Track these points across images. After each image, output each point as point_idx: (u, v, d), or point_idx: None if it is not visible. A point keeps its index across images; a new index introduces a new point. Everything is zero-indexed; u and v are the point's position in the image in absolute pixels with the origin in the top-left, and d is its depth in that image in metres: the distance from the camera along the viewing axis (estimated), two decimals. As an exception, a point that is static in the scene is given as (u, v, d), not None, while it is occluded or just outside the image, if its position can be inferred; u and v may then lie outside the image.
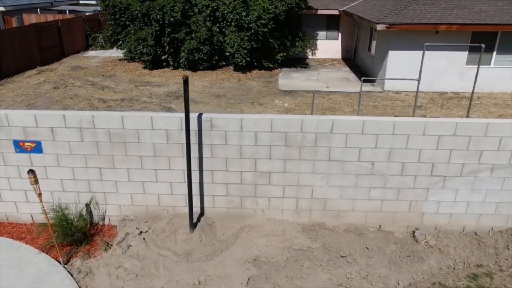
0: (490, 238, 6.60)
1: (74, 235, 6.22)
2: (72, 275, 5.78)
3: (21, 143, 6.33)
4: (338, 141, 6.18)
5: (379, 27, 13.52)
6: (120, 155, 6.42)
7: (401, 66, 14.29)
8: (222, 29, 16.79)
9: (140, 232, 6.50)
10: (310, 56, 20.56)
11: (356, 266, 6.06)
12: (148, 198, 6.74)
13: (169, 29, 16.43)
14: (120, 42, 18.59)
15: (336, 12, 19.34)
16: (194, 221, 6.62)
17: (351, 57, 20.25)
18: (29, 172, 5.41)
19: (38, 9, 24.12)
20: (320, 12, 19.43)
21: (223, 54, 17.46)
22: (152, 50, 16.89)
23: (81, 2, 28.55)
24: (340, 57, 20.50)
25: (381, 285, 5.77)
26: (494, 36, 14.05)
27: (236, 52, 16.42)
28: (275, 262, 5.91)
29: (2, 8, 23.08)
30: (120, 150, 6.38)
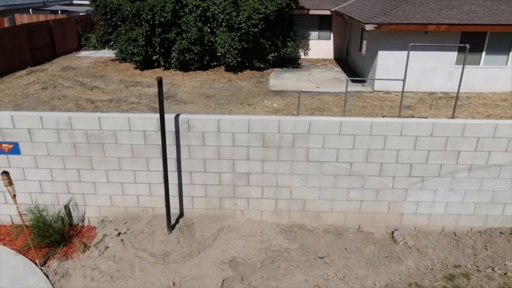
0: (469, 238, 6.61)
1: (51, 237, 6.20)
2: (48, 277, 5.76)
3: (-2, 145, 6.31)
4: (316, 142, 6.18)
5: (368, 27, 13.53)
6: (98, 156, 6.40)
7: (390, 66, 14.29)
8: (213, 29, 16.77)
9: (119, 233, 6.48)
10: (302, 56, 20.56)
11: (334, 267, 6.05)
12: (127, 199, 6.72)
13: (160, 29, 16.40)
14: (112, 42, 18.56)
15: (328, 12, 19.35)
16: (172, 222, 6.61)
17: (343, 57, 20.25)
18: (3, 173, 5.39)
19: (30, 9, 24.05)
20: (312, 12, 19.43)
21: (214, 54, 17.44)
22: (143, 50, 16.86)
23: (75, 2, 28.49)
24: (332, 57, 20.50)
25: (357, 286, 5.76)
26: (483, 36, 14.07)
27: (227, 53, 16.40)
28: (252, 263, 5.90)
29: (-6, 9, 23.03)
30: (98, 151, 6.36)
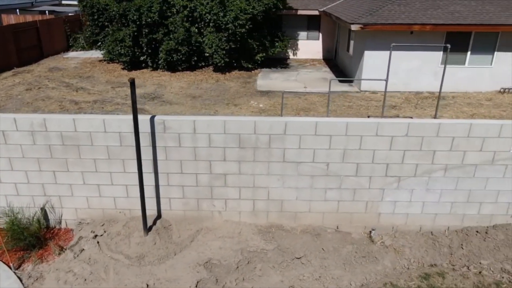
0: (445, 237, 6.64)
1: (26, 240, 6.15)
2: (21, 281, 5.71)
3: (-28, 147, 6.24)
4: (292, 142, 6.18)
5: (353, 27, 13.56)
6: (73, 158, 6.35)
7: (377, 66, 14.33)
8: (201, 30, 16.73)
9: (95, 235, 6.44)
10: (291, 56, 20.58)
11: (310, 267, 6.06)
12: (104, 201, 6.68)
13: (147, 30, 16.34)
14: (99, 43, 18.47)
15: (316, 13, 19.38)
16: (150, 224, 6.58)
17: (332, 57, 20.29)
18: (-27, 176, 5.33)
19: (17, 10, 23.85)
20: (300, 12, 19.45)
21: (202, 54, 17.41)
22: (130, 51, 16.78)
23: (64, 2, 28.30)
24: (321, 57, 20.53)
25: (333, 286, 5.77)
26: (468, 36, 14.16)
27: (215, 53, 16.37)
28: (227, 264, 5.89)
29: (-19, 9, 22.83)
30: (74, 153, 6.32)
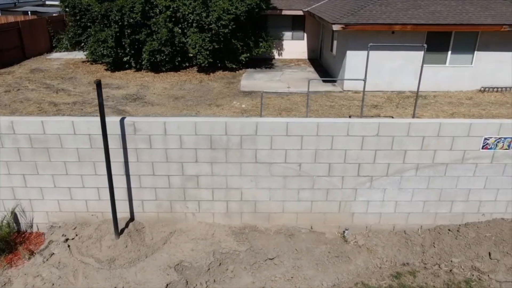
0: (418, 236, 6.68)
1: (-6, 244, 6.05)
2: (-12, 286, 5.62)
3: None
4: (264, 143, 6.16)
5: (335, 27, 13.61)
6: (43, 161, 6.26)
7: (359, 66, 14.38)
8: (184, 30, 16.66)
9: (66, 239, 6.36)
10: (276, 56, 20.60)
11: (283, 268, 6.05)
12: (76, 204, 6.60)
13: (129, 31, 16.22)
14: (83, 43, 18.29)
15: (300, 13, 19.42)
16: (122, 226, 6.52)
17: (317, 57, 20.36)
18: None
19: (0, 10, 23.53)
20: (285, 12, 19.47)
21: (186, 55, 17.34)
22: (113, 51, 16.63)
23: (47, 2, 27.97)
24: (306, 57, 20.58)
25: (304, 286, 5.77)
26: (448, 36, 14.31)
27: (198, 53, 16.31)
28: (198, 266, 5.85)
29: (-37, 10, 22.48)
30: (43, 156, 6.23)
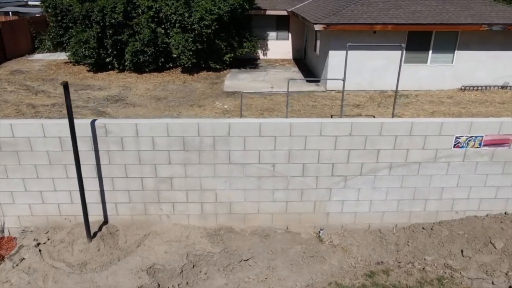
0: (393, 235, 6.72)
1: (-38, 250, 5.93)
2: (-45, 293, 5.50)
3: None
4: (237, 144, 6.14)
5: (317, 27, 13.65)
6: (13, 165, 6.16)
7: (341, 66, 14.27)
8: (167, 31, 16.56)
9: (38, 243, 6.26)
10: (261, 56, 20.59)
11: (257, 269, 6.03)
12: (48, 208, 6.50)
13: (111, 31, 16.06)
14: (65, 44, 18.06)
15: (285, 13, 19.44)
16: (95, 230, 6.43)
17: (302, 57, 20.40)
18: None
19: (-21, 11, 23.15)
20: (269, 12, 19.48)
21: (169, 55, 17.23)
22: (95, 52, 16.45)
23: (30, 3, 27.58)
24: (291, 57, 20.61)
25: (278, 287, 5.76)
26: (429, 36, 14.43)
27: (182, 54, 16.22)
28: (171, 269, 5.81)
29: None
30: (13, 160, 6.12)
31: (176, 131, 6.03)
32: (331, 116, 12.36)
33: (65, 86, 5.26)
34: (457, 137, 6.25)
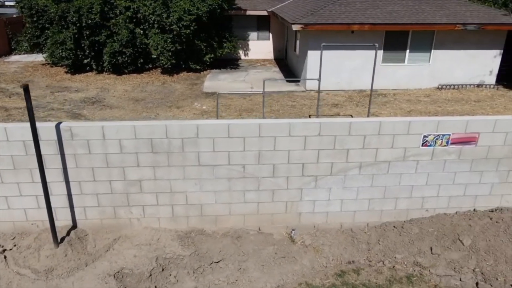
0: (364, 234, 6.76)
1: None
2: None
3: None
4: (206, 145, 6.09)
5: (294, 27, 13.69)
6: (-24, 170, 6.00)
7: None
8: (146, 31, 16.40)
9: (4, 250, 6.11)
10: (243, 56, 20.57)
11: (227, 271, 6.00)
12: (14, 213, 6.35)
13: (88, 32, 15.84)
14: (41, 45, 17.74)
15: (265, 13, 19.46)
16: (63, 235, 6.31)
17: (283, 57, 20.44)
18: None
19: (-47, 12, 22.56)
20: (249, 12, 19.47)
21: (149, 56, 17.08)
22: (72, 53, 16.20)
23: (7, 3, 27.01)
24: (272, 57, 20.65)
25: (248, 289, 5.74)
26: (406, 35, 14.62)
27: (161, 55, 16.10)
28: (140, 273, 5.73)
29: None
30: (-25, 164, 5.97)
31: (143, 133, 5.96)
32: (309, 116, 12.41)
33: (25, 88, 5.14)
34: (425, 136, 6.32)
